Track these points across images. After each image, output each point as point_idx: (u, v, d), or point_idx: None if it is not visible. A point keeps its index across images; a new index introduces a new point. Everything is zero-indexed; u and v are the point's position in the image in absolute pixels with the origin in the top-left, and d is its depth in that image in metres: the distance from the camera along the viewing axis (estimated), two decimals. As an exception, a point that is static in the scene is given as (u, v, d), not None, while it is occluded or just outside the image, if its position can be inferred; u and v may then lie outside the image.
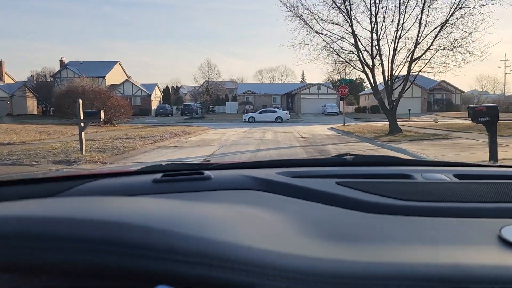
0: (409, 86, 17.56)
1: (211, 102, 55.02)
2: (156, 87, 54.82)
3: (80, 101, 10.51)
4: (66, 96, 25.88)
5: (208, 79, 74.29)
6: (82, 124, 10.31)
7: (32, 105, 50.42)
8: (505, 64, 67.34)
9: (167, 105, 48.15)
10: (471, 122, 6.82)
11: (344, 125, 26.06)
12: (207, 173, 1.08)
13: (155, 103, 50.94)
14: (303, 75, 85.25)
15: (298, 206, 0.85)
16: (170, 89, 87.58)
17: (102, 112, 10.87)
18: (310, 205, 0.87)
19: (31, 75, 49.82)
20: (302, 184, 0.99)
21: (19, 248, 0.54)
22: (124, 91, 50.85)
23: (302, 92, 51.19)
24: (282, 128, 26.04)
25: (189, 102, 50.41)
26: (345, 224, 0.75)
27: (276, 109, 38.40)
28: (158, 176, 1.06)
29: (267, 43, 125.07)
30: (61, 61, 51.90)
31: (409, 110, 38.71)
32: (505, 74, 71.66)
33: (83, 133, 10.30)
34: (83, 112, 10.45)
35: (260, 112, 36.33)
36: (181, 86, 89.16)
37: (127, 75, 55.39)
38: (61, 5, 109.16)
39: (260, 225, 0.69)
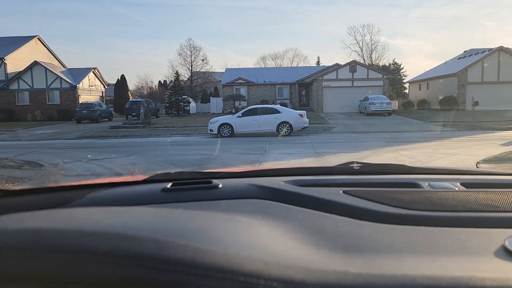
0: None
1: (187, 97, 35.73)
2: (92, 73, 35.03)
3: None
4: None
5: (191, 66, 55.16)
6: None
7: None
8: None
9: (95, 102, 28.81)
10: None
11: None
12: (215, 182, 1.09)
13: (91, 100, 31.60)
14: (318, 62, 65.25)
15: (304, 216, 0.86)
16: (155, 84, 68.82)
17: None
18: (316, 214, 0.87)
19: None
20: (308, 193, 1.00)
21: (28, 259, 0.55)
22: (33, 80, 31.59)
23: (324, 78, 31.22)
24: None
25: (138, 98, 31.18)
26: (350, 234, 0.76)
27: (278, 106, 18.93)
28: (167, 185, 1.07)
29: (280, 39, 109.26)
30: None
31: None
32: None
33: None
34: None
35: (245, 114, 16.92)
36: (171, 81, 71.10)
37: (58, 60, 36.23)
38: (70, 6, 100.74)
39: (266, 236, 0.72)
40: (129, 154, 11.78)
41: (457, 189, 1.06)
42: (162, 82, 68.64)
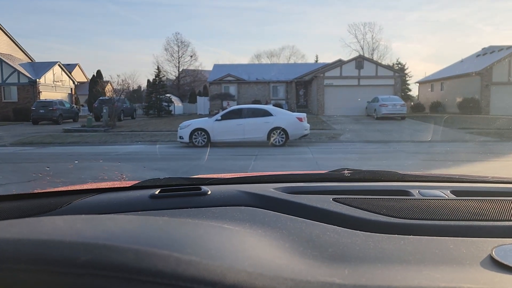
0: None
1: (169, 96, 31.60)
2: (58, 67, 30.52)
3: None
4: None
5: (179, 63, 50.73)
6: None
7: None
8: None
9: (56, 100, 24.36)
10: None
11: None
12: (204, 188, 1.09)
13: (57, 97, 27.18)
14: (316, 61, 61.14)
15: (292, 224, 0.86)
16: (143, 83, 63.79)
17: None
18: (305, 222, 0.87)
19: None
20: (298, 200, 1.00)
21: (5, 271, 0.53)
22: (-14, 74, 27.22)
23: (326, 75, 27.10)
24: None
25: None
26: (339, 243, 0.75)
27: (270, 107, 14.75)
28: (155, 191, 1.07)
29: (277, 39, 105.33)
30: None
31: None
32: None
33: None
34: None
35: (226, 117, 12.81)
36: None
37: (24, 52, 31.82)
38: (65, 5, 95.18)
39: (252, 245, 0.71)
40: (32, 178, 7.59)
41: (447, 197, 1.06)
42: (151, 81, 64.34)
